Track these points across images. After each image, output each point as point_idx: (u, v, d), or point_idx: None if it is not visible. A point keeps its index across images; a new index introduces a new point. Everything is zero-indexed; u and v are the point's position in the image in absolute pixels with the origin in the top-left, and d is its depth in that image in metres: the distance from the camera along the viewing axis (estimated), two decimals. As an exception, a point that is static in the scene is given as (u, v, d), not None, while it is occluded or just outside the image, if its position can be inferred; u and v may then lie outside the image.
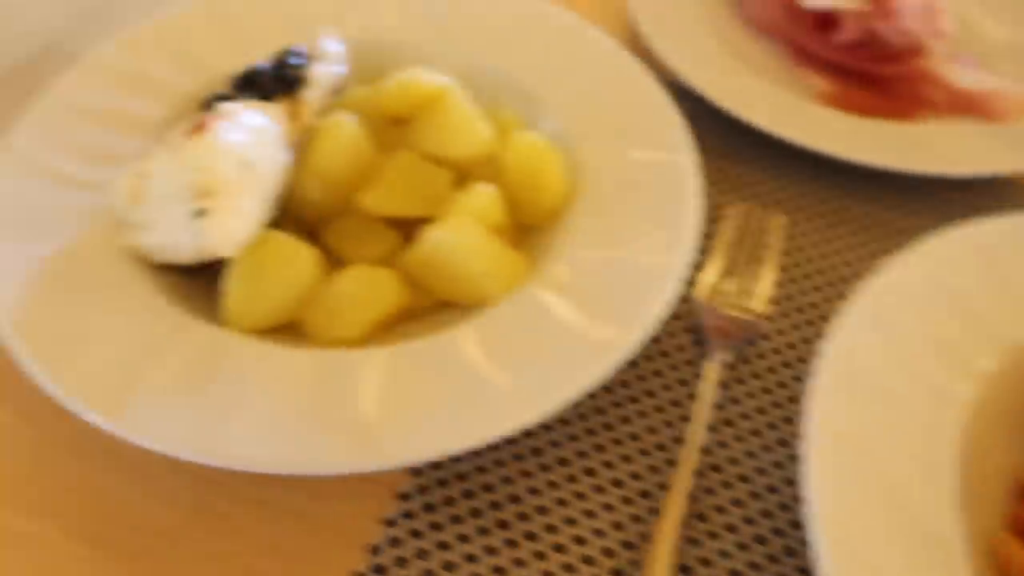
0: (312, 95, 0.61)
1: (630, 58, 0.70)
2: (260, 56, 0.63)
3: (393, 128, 0.64)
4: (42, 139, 0.60)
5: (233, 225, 0.52)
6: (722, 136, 0.78)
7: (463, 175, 0.61)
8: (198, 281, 0.57)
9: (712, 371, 0.59)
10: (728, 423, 0.58)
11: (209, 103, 0.60)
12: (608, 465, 0.55)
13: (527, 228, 0.62)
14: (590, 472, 0.55)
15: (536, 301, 0.54)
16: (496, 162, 0.61)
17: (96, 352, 0.49)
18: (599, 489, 0.54)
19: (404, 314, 0.57)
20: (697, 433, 0.55)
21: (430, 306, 0.58)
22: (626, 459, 0.56)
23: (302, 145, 0.60)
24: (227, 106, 0.56)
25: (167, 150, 0.54)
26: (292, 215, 0.59)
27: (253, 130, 0.55)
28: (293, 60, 0.61)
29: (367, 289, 0.55)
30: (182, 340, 0.51)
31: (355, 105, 0.63)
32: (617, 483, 0.54)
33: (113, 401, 0.47)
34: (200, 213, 0.51)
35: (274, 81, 0.60)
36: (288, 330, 0.55)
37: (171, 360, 0.50)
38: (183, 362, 0.49)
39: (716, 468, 0.56)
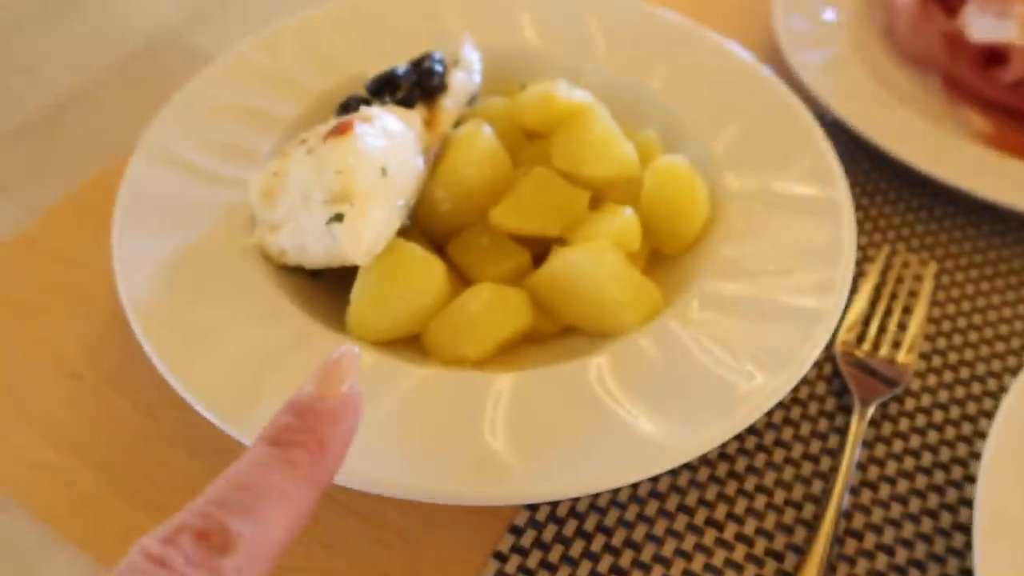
0: (450, 103, 0.60)
1: (778, 83, 0.66)
2: (395, 60, 0.62)
3: (527, 142, 0.62)
4: (180, 134, 0.60)
5: (367, 232, 0.50)
6: (868, 172, 0.73)
7: (600, 196, 0.58)
8: (318, 285, 0.56)
9: (856, 426, 0.54)
10: (869, 485, 0.54)
11: (346, 105, 0.59)
12: (735, 518, 0.52)
13: (660, 256, 0.59)
14: (715, 524, 0.51)
15: (674, 335, 0.51)
16: (634, 185, 0.59)
17: (222, 354, 0.48)
18: (724, 544, 0.50)
19: (526, 337, 0.55)
20: (838, 494, 0.51)
21: (554, 331, 0.55)
22: (754, 513, 0.52)
23: (436, 154, 0.58)
24: (368, 110, 0.54)
25: (304, 150, 0.53)
26: (420, 226, 0.58)
27: (392, 136, 0.53)
28: (435, 66, 0.59)
29: (495, 309, 0.52)
30: (307, 346, 0.50)
31: (489, 116, 0.61)
32: (743, 539, 0.51)
33: (238, 406, 0.46)
34: (336, 218, 0.49)
35: (415, 86, 0.59)
36: (408, 344, 0.53)
37: (296, 367, 0.48)
38: (307, 370, 0.48)
39: (855, 535, 0.51)
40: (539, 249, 0.57)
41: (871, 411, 0.55)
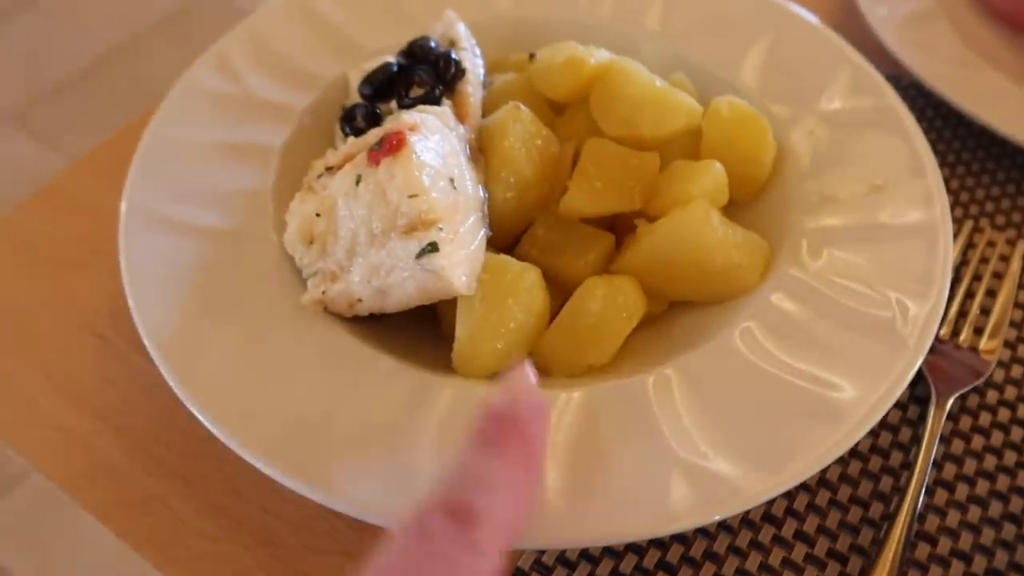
0: (472, 90, 0.53)
1: (786, 3, 0.62)
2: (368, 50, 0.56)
3: (556, 116, 0.56)
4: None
5: (462, 256, 0.43)
6: (949, 140, 0.67)
7: (664, 156, 0.53)
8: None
9: (933, 419, 0.49)
10: (944, 485, 0.49)
11: (350, 116, 0.52)
12: (794, 514, 0.48)
13: (732, 204, 0.54)
14: (772, 519, 0.47)
15: (804, 282, 0.48)
16: (693, 135, 0.54)
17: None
18: (782, 542, 0.47)
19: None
20: (913, 492, 0.47)
21: (661, 311, 0.51)
22: (816, 510, 0.48)
23: (477, 149, 0.51)
24: (408, 115, 0.47)
25: (348, 180, 0.45)
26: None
27: (440, 140, 0.46)
28: (450, 53, 0.53)
29: (614, 305, 0.47)
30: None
31: (507, 94, 0.54)
32: (803, 537, 0.47)
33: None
34: (430, 248, 0.42)
35: (435, 79, 0.51)
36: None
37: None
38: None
39: (927, 538, 0.47)
40: (607, 227, 0.52)
41: (950, 403, 0.50)
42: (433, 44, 0.54)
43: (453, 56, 0.52)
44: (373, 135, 0.47)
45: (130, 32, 2.06)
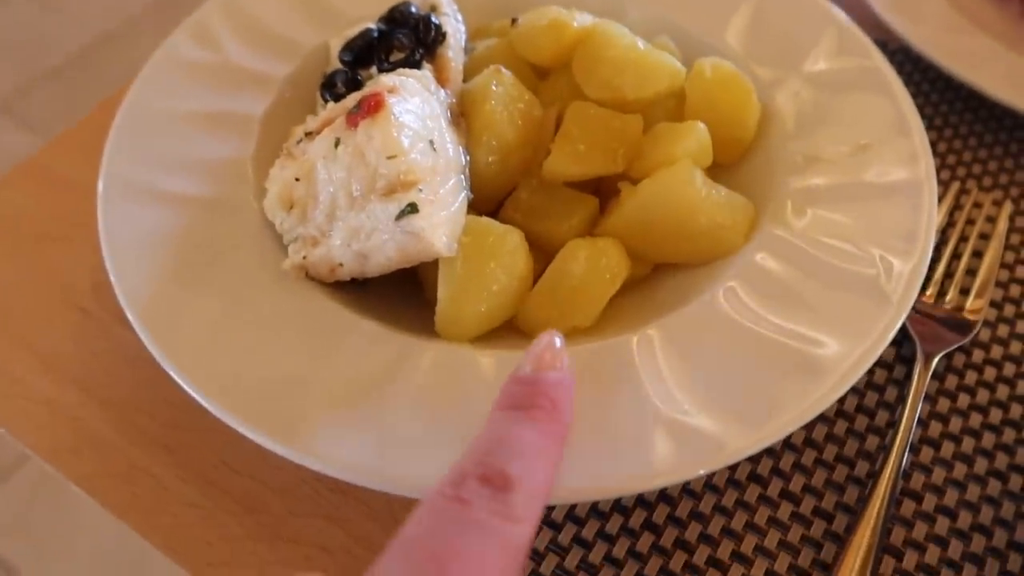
0: (452, 54, 0.52)
1: None
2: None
3: (539, 80, 0.55)
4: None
5: (442, 218, 0.43)
6: (936, 103, 0.67)
7: (647, 119, 0.52)
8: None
9: (919, 378, 0.49)
10: (930, 443, 0.49)
11: (331, 83, 0.51)
12: (780, 474, 0.48)
13: (716, 166, 0.53)
14: (758, 478, 0.48)
15: (789, 242, 0.47)
16: (676, 97, 0.53)
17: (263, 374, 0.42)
18: (768, 500, 0.47)
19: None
20: (898, 450, 0.46)
21: (645, 273, 0.51)
22: (802, 469, 0.48)
23: (458, 113, 0.51)
24: (387, 78, 0.46)
25: (327, 144, 0.44)
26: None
27: (420, 103, 0.46)
28: (430, 17, 0.52)
29: (597, 267, 0.47)
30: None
31: (489, 60, 0.54)
32: (789, 496, 0.47)
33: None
34: (409, 209, 0.42)
35: (415, 43, 0.51)
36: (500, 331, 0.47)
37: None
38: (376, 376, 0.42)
39: (913, 495, 0.47)
40: (591, 190, 0.52)
41: (935, 362, 0.50)
42: (414, 9, 0.53)
43: (433, 20, 0.52)
44: (352, 99, 0.46)
45: (120, 18, 2.04)
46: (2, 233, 0.58)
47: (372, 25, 0.54)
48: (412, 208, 0.42)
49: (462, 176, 0.47)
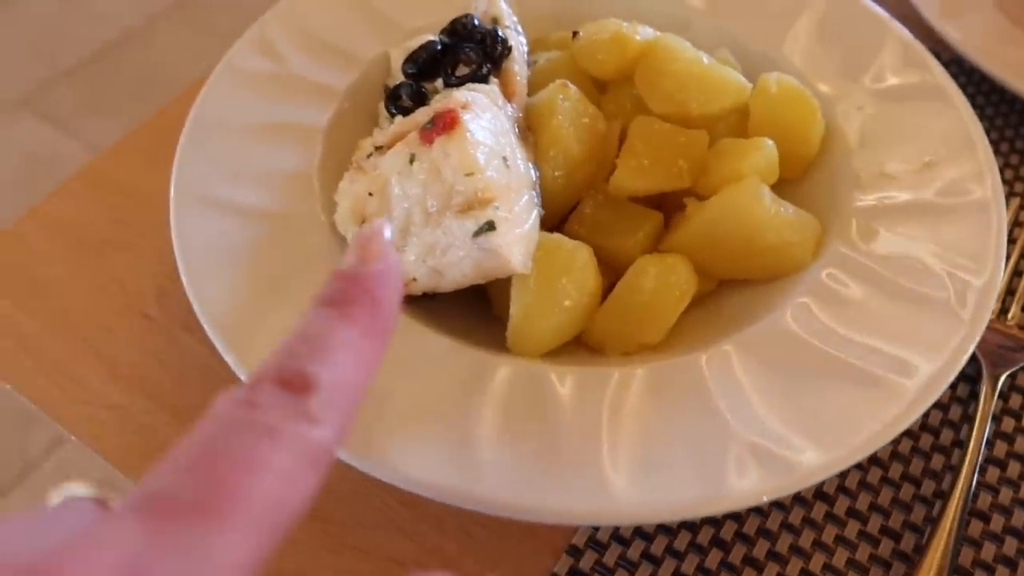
0: (518, 68, 0.52)
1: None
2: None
3: (600, 94, 0.56)
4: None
5: (518, 235, 0.43)
6: (991, 117, 0.67)
7: (711, 134, 0.52)
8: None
9: (985, 397, 0.49)
10: (996, 463, 0.49)
11: (395, 95, 0.51)
12: (846, 492, 0.48)
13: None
14: (824, 496, 0.48)
15: (857, 260, 0.48)
16: (741, 112, 0.53)
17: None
18: (834, 518, 0.47)
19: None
20: (968, 470, 0.47)
21: (710, 289, 0.51)
22: (868, 487, 0.48)
23: (525, 128, 0.51)
24: (459, 94, 0.47)
25: (401, 159, 0.45)
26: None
27: (491, 119, 0.46)
28: (497, 31, 0.52)
29: (667, 283, 0.47)
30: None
31: (552, 73, 0.54)
32: (855, 514, 0.47)
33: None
34: (487, 227, 0.42)
35: (483, 57, 0.51)
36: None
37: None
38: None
39: (980, 516, 0.47)
40: (655, 204, 0.52)
41: (1000, 381, 0.50)
42: (477, 22, 0.53)
43: (499, 34, 0.52)
44: (422, 114, 0.47)
45: (142, 16, 2.06)
46: (65, 240, 0.59)
47: (434, 37, 0.54)
48: (490, 226, 0.42)
49: (534, 192, 0.47)
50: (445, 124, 0.44)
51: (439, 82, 0.53)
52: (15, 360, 0.53)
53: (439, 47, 0.53)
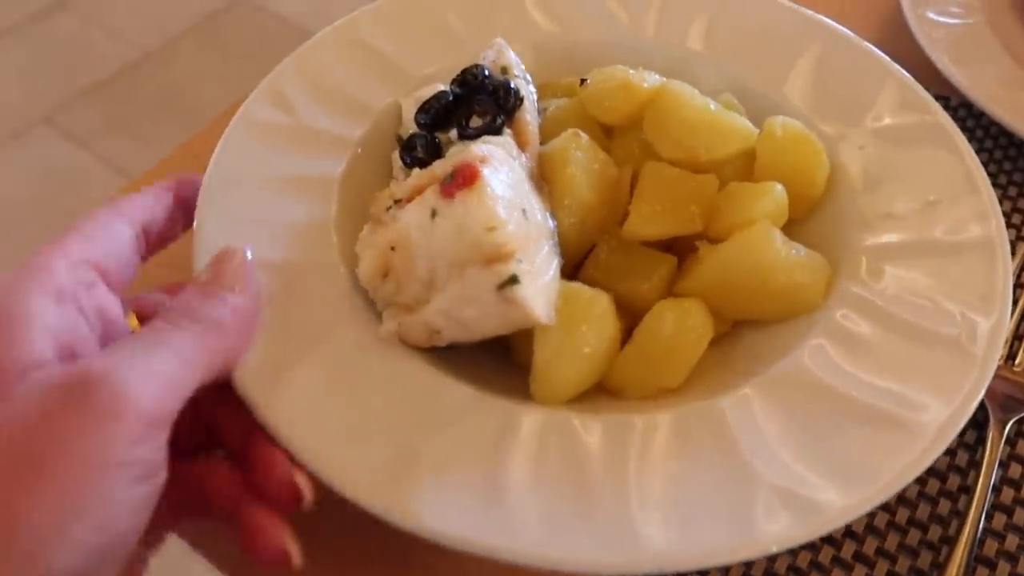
0: (530, 117, 0.53)
1: (829, 22, 0.62)
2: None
3: (607, 140, 0.57)
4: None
5: (540, 287, 0.44)
6: (999, 161, 0.68)
7: (719, 177, 0.53)
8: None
9: (992, 443, 0.50)
10: (1003, 509, 0.50)
11: (410, 146, 0.52)
12: (853, 536, 0.49)
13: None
14: (832, 541, 0.48)
15: (867, 299, 0.49)
16: (747, 156, 0.55)
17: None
18: (841, 563, 0.48)
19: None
20: (974, 517, 0.48)
21: (725, 330, 0.52)
22: (875, 532, 0.49)
23: (539, 176, 0.52)
24: (477, 147, 0.47)
25: (423, 213, 0.45)
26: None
27: (509, 172, 0.47)
28: (510, 82, 0.53)
29: (684, 328, 0.48)
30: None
31: (562, 120, 0.56)
32: (863, 559, 0.48)
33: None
34: (511, 281, 0.43)
35: (496, 107, 0.52)
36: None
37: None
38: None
39: (986, 562, 0.48)
40: (665, 248, 0.53)
41: (1008, 427, 0.51)
42: (487, 72, 0.54)
43: (512, 84, 0.53)
44: (440, 167, 0.48)
45: (161, 38, 2.08)
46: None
47: (445, 88, 0.55)
48: (513, 279, 0.43)
49: (553, 242, 0.48)
50: (465, 178, 0.44)
51: (453, 132, 0.54)
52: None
53: (451, 97, 0.54)
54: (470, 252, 0.44)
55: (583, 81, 0.57)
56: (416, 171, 0.50)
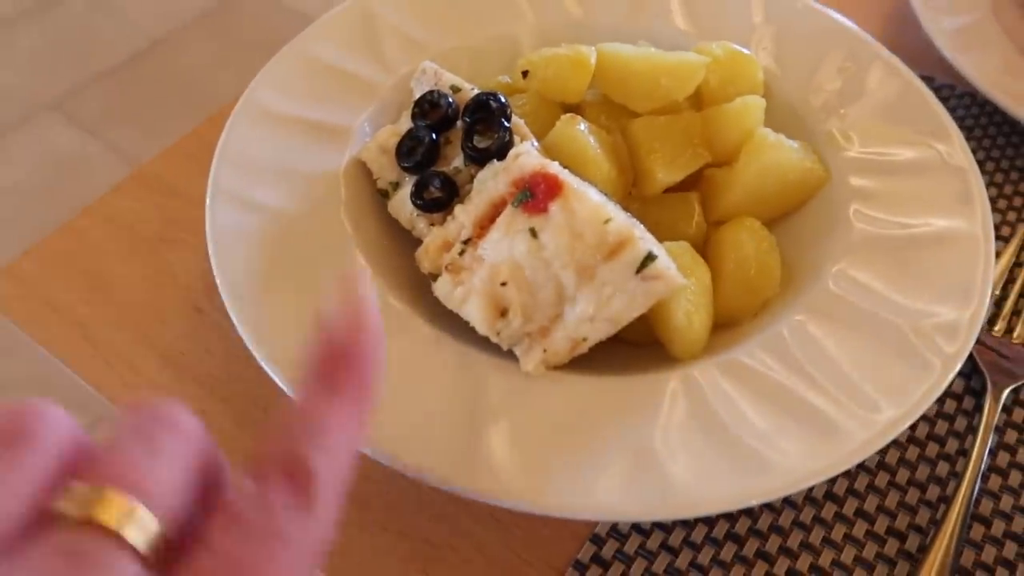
0: (515, 119, 0.54)
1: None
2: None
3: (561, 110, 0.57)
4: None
5: (664, 252, 0.46)
6: (1003, 147, 0.69)
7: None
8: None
9: (988, 411, 0.52)
10: (998, 471, 0.52)
11: (421, 185, 0.51)
12: (855, 494, 0.51)
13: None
14: (834, 498, 0.50)
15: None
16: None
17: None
18: (843, 519, 0.50)
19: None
20: (970, 477, 0.49)
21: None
22: (876, 491, 0.51)
23: None
24: (528, 157, 0.47)
25: (523, 238, 0.45)
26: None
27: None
28: (494, 93, 0.53)
29: (760, 239, 0.53)
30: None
31: (529, 111, 0.56)
32: (864, 515, 0.50)
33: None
34: (648, 259, 0.44)
35: (498, 122, 0.52)
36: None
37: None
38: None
39: (982, 520, 0.49)
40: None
41: (1004, 396, 0.53)
42: (449, 97, 0.53)
43: (500, 97, 0.52)
44: (495, 189, 0.47)
45: (170, 25, 2.11)
46: (121, 236, 0.62)
47: (409, 123, 0.54)
48: (650, 257, 0.44)
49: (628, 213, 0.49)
50: (549, 188, 0.45)
51: (453, 164, 0.53)
52: (78, 347, 0.56)
53: (425, 136, 0.52)
54: (595, 251, 0.44)
55: (525, 73, 0.57)
56: (458, 207, 0.49)
